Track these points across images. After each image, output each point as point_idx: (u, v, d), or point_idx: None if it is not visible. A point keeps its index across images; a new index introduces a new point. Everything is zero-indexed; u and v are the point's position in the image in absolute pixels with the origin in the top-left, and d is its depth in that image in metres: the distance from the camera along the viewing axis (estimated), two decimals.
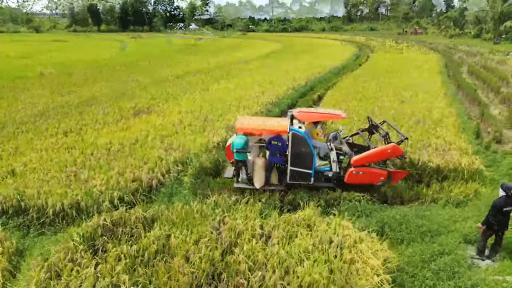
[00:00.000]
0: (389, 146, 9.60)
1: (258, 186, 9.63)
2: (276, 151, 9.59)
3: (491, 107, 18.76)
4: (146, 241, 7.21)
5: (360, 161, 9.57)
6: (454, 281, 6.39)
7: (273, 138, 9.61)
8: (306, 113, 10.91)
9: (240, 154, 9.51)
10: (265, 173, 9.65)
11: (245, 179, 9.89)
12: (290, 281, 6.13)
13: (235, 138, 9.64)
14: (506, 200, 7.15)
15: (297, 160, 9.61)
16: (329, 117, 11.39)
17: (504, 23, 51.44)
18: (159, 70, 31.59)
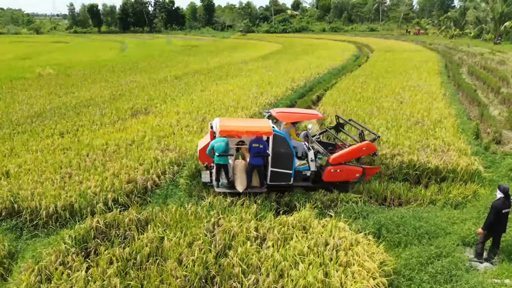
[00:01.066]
0: (364, 143, 9.90)
1: (241, 190, 9.34)
2: (257, 153, 9.25)
3: (491, 107, 18.63)
4: (139, 244, 7.12)
5: (338, 159, 9.77)
6: (452, 284, 6.29)
7: (254, 141, 9.29)
8: (286, 113, 10.93)
9: (222, 157, 9.20)
10: (246, 175, 9.41)
11: (225, 184, 9.62)
12: (284, 285, 6.02)
13: (215, 141, 9.29)
14: (505, 202, 7.04)
15: (277, 161, 9.49)
16: (307, 117, 11.45)
17: (504, 23, 51.36)
18: (157, 71, 31.50)
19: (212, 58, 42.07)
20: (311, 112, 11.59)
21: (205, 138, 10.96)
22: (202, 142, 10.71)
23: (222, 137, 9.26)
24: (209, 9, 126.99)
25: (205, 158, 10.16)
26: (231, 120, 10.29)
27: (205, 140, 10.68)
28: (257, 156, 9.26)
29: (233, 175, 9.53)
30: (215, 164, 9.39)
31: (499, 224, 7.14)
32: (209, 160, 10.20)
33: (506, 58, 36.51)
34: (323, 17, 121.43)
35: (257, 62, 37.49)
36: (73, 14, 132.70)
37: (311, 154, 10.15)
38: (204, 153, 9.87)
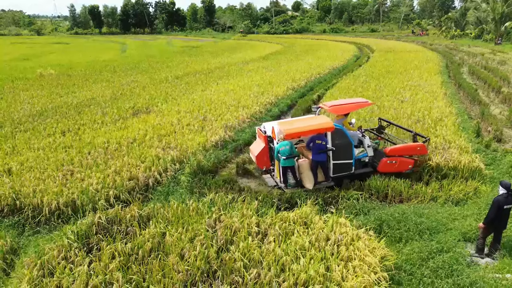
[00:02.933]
0: (419, 144, 10.53)
1: (310, 187, 9.71)
2: (320, 150, 9.57)
3: (492, 106, 18.62)
4: (141, 239, 7.15)
5: (394, 152, 10.39)
6: (453, 278, 6.28)
7: (315, 138, 9.56)
8: (339, 106, 11.25)
9: (288, 160, 9.51)
10: (312, 172, 9.74)
11: (293, 183, 9.89)
12: (285, 279, 6.04)
13: (280, 145, 9.52)
14: (507, 198, 7.05)
15: (338, 153, 9.90)
16: (358, 105, 11.97)
17: (504, 24, 51.36)
18: (158, 71, 31.58)
19: (212, 58, 42.14)
20: (360, 100, 11.98)
21: (257, 143, 11.34)
22: (255, 148, 11.12)
23: (285, 141, 9.48)
24: (210, 10, 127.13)
25: (263, 162, 10.74)
26: (290, 123, 10.49)
27: (257, 145, 11.14)
28: (320, 153, 9.55)
29: (300, 174, 9.84)
30: (281, 167, 9.70)
31: (500, 220, 7.15)
32: (267, 164, 10.85)
33: (507, 58, 36.49)
34: (324, 18, 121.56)
35: (258, 62, 37.55)
36: (74, 15, 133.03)
37: (367, 140, 10.73)
38: (262, 158, 10.61)
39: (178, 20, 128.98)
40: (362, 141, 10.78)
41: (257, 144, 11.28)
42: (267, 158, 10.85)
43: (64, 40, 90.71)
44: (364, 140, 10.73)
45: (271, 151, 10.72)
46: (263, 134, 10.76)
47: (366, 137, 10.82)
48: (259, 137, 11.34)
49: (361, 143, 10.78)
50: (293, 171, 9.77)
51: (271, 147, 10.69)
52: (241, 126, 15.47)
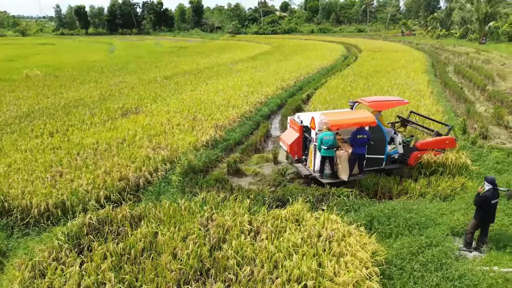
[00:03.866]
0: (448, 137, 11.28)
1: (346, 178, 9.92)
2: (362, 143, 9.84)
3: (477, 104, 19.00)
4: (133, 239, 7.12)
5: (425, 146, 10.97)
6: (442, 272, 6.41)
7: (358, 131, 9.82)
8: (378, 102, 11.65)
9: (329, 150, 9.77)
10: (349, 164, 10.00)
11: (329, 174, 10.13)
12: (278, 275, 6.08)
13: (323, 135, 9.77)
14: (494, 192, 7.22)
15: (372, 148, 10.22)
16: (396, 103, 12.30)
17: (488, 24, 52.40)
18: (147, 72, 31.36)
19: (201, 59, 42.02)
20: (398, 99, 12.55)
21: (289, 132, 11.68)
22: (288, 137, 11.46)
23: (329, 131, 9.78)
24: (198, 11, 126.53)
25: (295, 151, 11.04)
26: (334, 114, 10.78)
27: (290, 134, 11.47)
28: (361, 146, 9.85)
29: (336, 165, 10.05)
30: (321, 156, 9.94)
31: (488, 215, 7.31)
32: (299, 153, 11.15)
33: (491, 57, 37.26)
34: (312, 18, 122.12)
35: (247, 62, 37.58)
36: (60, 16, 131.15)
37: (399, 137, 11.17)
38: (295, 147, 10.94)
39: (166, 21, 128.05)
40: (393, 138, 11.18)
41: (289, 133, 11.60)
42: (300, 148, 11.17)
43: (50, 41, 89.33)
44: (396, 137, 11.16)
45: (305, 141, 11.08)
46: (299, 124, 11.00)
47: (399, 134, 11.30)
48: (291, 127, 11.65)
49: (393, 140, 11.16)
50: (331, 162, 10.03)
51: (305, 137, 11.02)
52: (231, 125, 15.49)
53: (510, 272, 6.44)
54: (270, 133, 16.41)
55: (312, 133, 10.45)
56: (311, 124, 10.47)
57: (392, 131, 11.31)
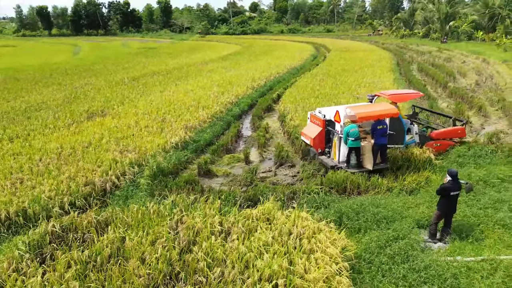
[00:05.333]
0: (460, 127, 12.38)
1: (371, 168, 10.52)
2: (382, 134, 10.45)
3: (439, 100, 19.75)
4: (99, 245, 6.88)
5: (440, 135, 12.12)
6: (409, 264, 6.57)
7: (378, 123, 10.43)
8: (398, 95, 12.64)
9: (356, 141, 10.30)
10: (373, 154, 10.57)
11: (354, 164, 10.64)
12: (249, 275, 6.04)
13: (349, 127, 10.29)
14: (454, 185, 7.48)
15: (392, 138, 10.85)
16: (413, 96, 13.49)
17: (449, 23, 54.66)
18: (114, 73, 30.58)
19: (171, 59, 41.44)
20: (414, 92, 13.99)
21: (310, 127, 12.14)
22: (310, 131, 11.95)
23: (353, 124, 10.34)
24: (166, 11, 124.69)
25: (318, 145, 11.58)
26: (359, 107, 11.20)
27: (312, 129, 11.97)
28: (382, 136, 10.46)
29: (361, 156, 10.63)
30: (348, 147, 10.47)
31: (449, 206, 7.57)
32: (322, 146, 11.67)
33: (452, 56, 38.84)
34: (281, 19, 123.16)
35: (217, 62, 37.40)
36: (21, 17, 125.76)
37: (415, 128, 12.03)
38: (318, 140, 11.47)
39: (134, 21, 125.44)
40: (410, 129, 11.93)
41: (311, 128, 12.10)
42: (322, 141, 11.67)
43: (11, 42, 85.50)
44: (412, 128, 11.92)
45: (328, 134, 11.63)
46: (321, 118, 11.54)
47: (415, 125, 12.09)
48: (312, 122, 12.20)
49: (410, 130, 11.89)
50: (358, 152, 10.48)
51: (328, 130, 11.58)
52: (202, 126, 15.34)
53: (472, 261, 6.69)
54: (242, 133, 16.38)
55: (337, 126, 10.95)
56: (335, 117, 10.96)
57: (409, 122, 12.09)
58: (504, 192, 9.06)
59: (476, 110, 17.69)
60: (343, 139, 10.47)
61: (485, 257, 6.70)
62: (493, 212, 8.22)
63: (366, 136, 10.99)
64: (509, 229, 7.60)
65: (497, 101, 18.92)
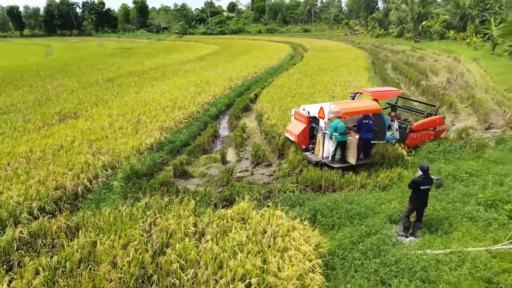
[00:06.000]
0: (438, 117, 12.84)
1: (354, 162, 10.74)
2: (368, 129, 10.71)
3: (412, 98, 20.17)
4: (69, 251, 6.71)
5: (419, 127, 12.37)
6: (380, 258, 6.70)
7: (364, 118, 10.72)
8: (379, 92, 13.04)
9: (343, 135, 10.51)
10: (357, 149, 10.78)
11: (338, 159, 10.88)
12: (222, 275, 6.02)
13: (336, 123, 10.49)
14: (424, 179, 7.68)
15: (375, 134, 11.03)
16: (394, 93, 13.99)
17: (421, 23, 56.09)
18: (88, 74, 29.89)
19: (147, 60, 40.87)
20: (395, 89, 14.57)
21: (295, 124, 12.40)
22: (294, 128, 12.14)
23: (338, 119, 10.55)
24: (143, 11, 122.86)
25: (302, 141, 11.82)
26: (343, 103, 11.68)
27: (296, 126, 12.16)
28: (368, 132, 10.71)
29: (346, 150, 10.88)
30: (336, 142, 10.64)
31: (420, 199, 7.76)
32: (306, 142, 11.89)
33: (425, 54, 39.84)
34: (259, 19, 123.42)
35: (195, 63, 37.13)
36: None
37: (396, 124, 12.31)
38: (302, 137, 11.69)
39: (109, 21, 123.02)
40: (391, 126, 12.23)
41: (295, 124, 12.32)
42: (306, 137, 11.90)
43: None
44: (393, 124, 12.17)
45: (311, 131, 11.86)
46: (305, 115, 11.74)
47: (395, 121, 12.35)
48: (296, 119, 12.41)
49: (390, 127, 12.19)
50: (343, 147, 10.68)
51: (312, 127, 11.80)
52: (177, 127, 15.18)
53: (441, 254, 6.88)
54: (219, 133, 16.31)
55: (321, 122, 11.16)
56: (319, 114, 11.17)
57: (389, 119, 12.36)
58: (471, 186, 9.37)
59: (447, 107, 18.21)
60: (329, 134, 10.67)
61: (453, 249, 6.91)
62: (461, 205, 8.48)
63: (350, 132, 11.22)
64: (476, 222, 7.86)
65: (466, 98, 19.53)
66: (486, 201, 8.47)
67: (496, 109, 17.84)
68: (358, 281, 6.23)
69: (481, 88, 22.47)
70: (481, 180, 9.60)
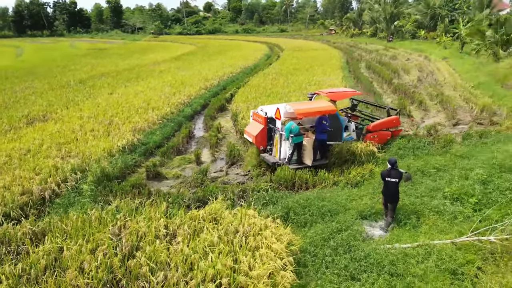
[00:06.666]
0: (394, 117, 12.79)
1: (310, 163, 10.67)
2: (323, 130, 10.65)
3: (384, 96, 20.69)
4: (34, 257, 6.50)
5: (376, 127, 12.35)
6: (350, 254, 6.80)
7: (320, 119, 10.65)
8: (335, 93, 12.91)
9: (298, 137, 10.40)
10: (314, 150, 10.74)
11: (295, 160, 10.77)
12: (193, 276, 5.97)
13: (290, 124, 10.36)
14: (390, 171, 7.86)
15: (331, 135, 10.95)
16: (351, 94, 13.89)
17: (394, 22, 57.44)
18: (59, 75, 29.09)
19: (121, 60, 40.13)
20: (351, 90, 14.48)
21: (253, 125, 12.22)
22: (252, 129, 11.97)
23: (292, 121, 10.47)
24: (117, 11, 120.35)
25: (260, 142, 11.61)
26: (298, 104, 11.69)
27: (254, 127, 11.98)
28: (323, 133, 10.64)
29: (302, 151, 10.76)
30: (293, 144, 10.54)
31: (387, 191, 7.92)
32: (264, 143, 11.72)
33: (397, 54, 40.80)
34: (235, 19, 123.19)
35: (170, 63, 36.73)
36: None
37: (352, 125, 12.31)
38: (260, 138, 11.49)
39: (82, 21, 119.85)
40: (348, 126, 12.21)
41: (253, 125, 12.14)
42: (265, 138, 11.73)
43: None
44: (350, 125, 12.16)
45: (269, 132, 11.70)
46: (263, 116, 11.54)
47: (352, 122, 12.36)
48: (254, 120, 12.21)
49: (347, 128, 12.04)
50: (300, 148, 10.58)
51: (270, 128, 11.63)
52: (151, 128, 14.98)
53: (409, 248, 7.04)
54: (194, 133, 16.19)
55: (278, 123, 11.06)
56: (276, 114, 11.06)
57: (346, 120, 12.36)
58: (439, 180, 9.64)
59: (417, 105, 18.70)
60: (285, 137, 10.61)
61: (420, 243, 7.09)
62: (429, 200, 8.71)
63: (306, 133, 11.22)
64: (442, 215, 8.09)
65: (436, 95, 20.11)
66: (452, 195, 8.73)
67: (463, 106, 18.47)
68: (328, 277, 6.29)
69: (449, 85, 23.20)
70: (448, 175, 9.89)
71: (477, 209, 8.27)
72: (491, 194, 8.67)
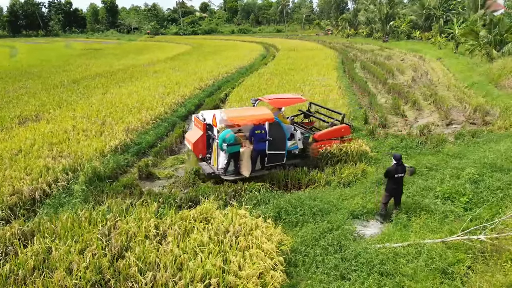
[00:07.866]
0: (343, 126, 11.87)
1: (247, 175, 10.05)
2: (260, 139, 10.04)
3: (379, 96, 20.73)
4: (22, 258, 6.44)
5: (322, 136, 11.50)
6: (341, 253, 6.79)
7: (256, 128, 9.98)
8: (277, 99, 11.93)
9: (234, 146, 9.71)
10: (251, 161, 10.14)
11: (231, 171, 10.18)
12: (182, 276, 5.93)
13: (224, 133, 9.70)
14: (397, 168, 7.94)
15: (273, 144, 10.33)
16: (294, 101, 12.94)
17: (389, 23, 57.72)
18: (53, 76, 28.90)
19: (116, 60, 39.96)
20: (296, 96, 13.40)
21: (193, 130, 11.49)
22: (192, 135, 11.24)
23: (227, 129, 9.83)
24: (112, 11, 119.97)
25: (199, 150, 10.90)
26: (234, 111, 10.87)
27: (194, 133, 11.28)
28: (260, 142, 10.05)
29: (239, 162, 10.10)
30: (227, 154, 9.84)
31: (395, 187, 8.09)
32: (203, 151, 10.98)
33: (392, 54, 40.96)
34: (232, 19, 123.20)
35: (165, 63, 36.63)
36: None
37: (298, 134, 11.47)
38: (198, 145, 10.77)
39: (77, 21, 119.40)
40: (294, 135, 11.48)
41: (193, 132, 11.45)
42: (204, 146, 11.00)
43: None
44: (296, 133, 11.46)
45: (208, 139, 10.96)
46: (202, 122, 10.85)
47: (298, 131, 11.58)
48: (195, 125, 11.43)
49: (293, 136, 11.46)
50: (236, 158, 9.99)
51: (209, 135, 10.90)
52: (144, 128, 14.91)
53: (399, 247, 7.05)
54: None
55: (214, 130, 10.42)
56: (212, 121, 10.47)
57: (292, 128, 11.56)
58: (430, 180, 9.67)
59: (411, 105, 18.75)
60: (219, 146, 9.89)
61: (411, 242, 7.09)
62: (420, 199, 8.74)
63: (245, 142, 10.43)
64: (433, 214, 8.10)
65: (430, 95, 20.18)
66: (444, 194, 8.77)
67: (457, 106, 18.56)
68: (319, 277, 6.27)
69: (443, 85, 23.31)
70: (439, 174, 9.93)
71: (468, 208, 8.31)
72: (482, 193, 8.71)
